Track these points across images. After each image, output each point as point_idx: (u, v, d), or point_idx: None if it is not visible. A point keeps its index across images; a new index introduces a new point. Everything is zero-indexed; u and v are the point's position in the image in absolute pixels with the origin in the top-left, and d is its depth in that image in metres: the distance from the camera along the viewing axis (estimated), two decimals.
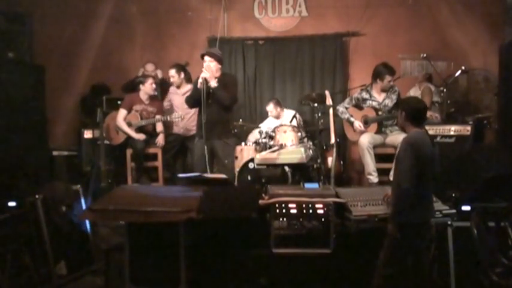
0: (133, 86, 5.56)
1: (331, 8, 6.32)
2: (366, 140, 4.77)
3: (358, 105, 5.08)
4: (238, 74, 6.33)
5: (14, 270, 3.41)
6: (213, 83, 4.37)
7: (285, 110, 5.82)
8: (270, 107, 5.75)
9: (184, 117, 5.29)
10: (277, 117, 5.74)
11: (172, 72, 5.42)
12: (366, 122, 4.95)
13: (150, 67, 5.98)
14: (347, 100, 5.23)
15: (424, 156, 2.89)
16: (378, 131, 4.87)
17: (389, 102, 4.94)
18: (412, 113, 3.03)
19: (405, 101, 3.44)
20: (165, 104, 5.67)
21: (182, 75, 5.48)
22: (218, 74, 4.50)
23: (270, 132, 4.93)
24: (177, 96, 5.54)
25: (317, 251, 3.22)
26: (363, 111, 5.01)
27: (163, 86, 5.87)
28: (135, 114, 5.27)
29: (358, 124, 4.96)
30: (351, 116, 5.05)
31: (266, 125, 5.59)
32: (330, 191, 3.44)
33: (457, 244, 3.31)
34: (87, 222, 4.05)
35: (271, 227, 3.22)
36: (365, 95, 5.04)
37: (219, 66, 4.53)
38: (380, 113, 4.89)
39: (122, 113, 5.27)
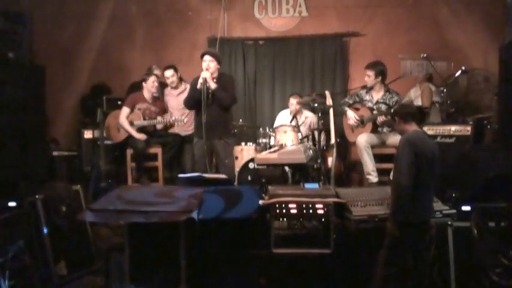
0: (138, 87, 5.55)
1: (331, 8, 6.33)
2: (363, 139, 4.76)
3: (357, 102, 5.07)
4: (238, 74, 6.33)
5: (14, 270, 3.40)
6: (212, 84, 4.36)
7: (305, 111, 5.71)
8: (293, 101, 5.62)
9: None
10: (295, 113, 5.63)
11: (170, 72, 5.38)
12: (362, 122, 4.95)
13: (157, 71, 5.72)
14: (348, 97, 5.27)
15: (422, 154, 2.90)
16: (373, 130, 4.87)
17: (383, 107, 4.86)
18: (405, 115, 3.11)
19: (395, 109, 3.65)
20: None
21: (178, 75, 5.47)
22: (216, 75, 4.50)
23: (269, 133, 4.93)
24: (172, 98, 5.52)
25: (317, 251, 3.21)
26: (360, 111, 5.01)
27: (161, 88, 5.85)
28: (137, 113, 5.26)
29: (353, 115, 4.96)
30: (348, 108, 5.06)
31: (282, 117, 5.67)
32: (330, 191, 3.43)
33: (457, 244, 3.31)
34: (87, 222, 4.05)
35: (271, 227, 3.22)
36: (363, 94, 5.04)
37: (218, 66, 4.52)
38: (375, 112, 4.87)
39: (125, 111, 5.26)
